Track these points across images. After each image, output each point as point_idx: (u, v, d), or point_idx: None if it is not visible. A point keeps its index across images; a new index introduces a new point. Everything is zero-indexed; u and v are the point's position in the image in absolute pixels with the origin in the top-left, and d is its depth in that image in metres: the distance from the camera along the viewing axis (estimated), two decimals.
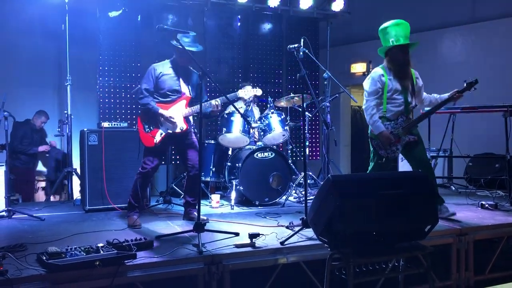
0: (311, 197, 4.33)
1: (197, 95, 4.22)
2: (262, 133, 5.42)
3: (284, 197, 5.29)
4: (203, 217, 4.29)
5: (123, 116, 6.04)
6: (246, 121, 4.99)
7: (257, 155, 5.19)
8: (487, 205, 4.77)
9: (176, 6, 6.40)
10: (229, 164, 5.38)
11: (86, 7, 6.11)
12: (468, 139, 6.55)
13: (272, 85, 7.22)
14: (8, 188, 4.58)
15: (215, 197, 5.15)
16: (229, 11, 6.83)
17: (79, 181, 5.38)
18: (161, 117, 4.08)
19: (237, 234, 3.59)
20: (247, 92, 4.43)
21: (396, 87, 4.20)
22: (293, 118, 6.11)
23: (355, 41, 8.70)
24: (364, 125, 10.33)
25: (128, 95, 6.13)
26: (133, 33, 6.22)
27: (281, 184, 5.23)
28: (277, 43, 7.25)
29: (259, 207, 5.08)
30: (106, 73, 6.08)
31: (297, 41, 4.85)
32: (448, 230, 3.84)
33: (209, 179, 5.63)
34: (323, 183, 2.75)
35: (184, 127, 4.16)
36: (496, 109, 5.51)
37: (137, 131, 4.21)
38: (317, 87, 7.55)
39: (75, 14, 6.04)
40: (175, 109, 4.15)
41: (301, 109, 4.04)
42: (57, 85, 6.90)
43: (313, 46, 7.34)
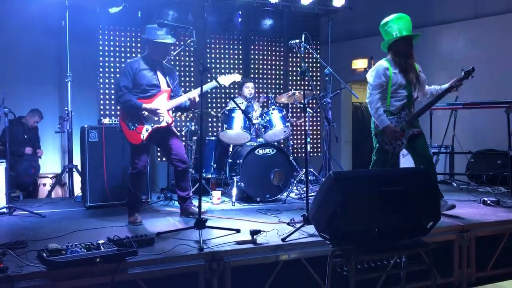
0: (312, 194, 4.32)
1: (175, 89, 4.25)
2: (263, 130, 5.40)
3: (285, 194, 5.28)
4: (203, 210, 4.29)
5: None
6: (247, 117, 4.98)
7: (258, 151, 5.17)
8: (489, 202, 4.75)
9: (176, 1, 6.37)
10: (230, 160, 5.36)
11: (86, 3, 6.09)
12: (470, 135, 6.54)
13: (273, 81, 7.20)
14: (8, 185, 4.57)
15: (216, 194, 5.13)
16: (230, 7, 6.80)
17: (80, 178, 5.37)
18: (145, 111, 4.01)
19: (238, 230, 3.58)
20: (227, 79, 4.30)
21: (400, 80, 4.16)
22: (294, 114, 6.09)
23: (357, 37, 8.67)
24: (365, 121, 10.34)
25: None
26: (133, 29, 6.20)
27: (282, 180, 5.22)
28: (278, 39, 7.23)
29: (260, 204, 5.06)
30: (106, 70, 6.07)
31: (298, 37, 4.84)
32: (450, 226, 3.82)
33: (210, 176, 5.61)
34: (324, 180, 2.73)
35: (169, 120, 4.12)
36: (498, 105, 5.48)
37: (121, 131, 4.11)
38: (319, 83, 7.53)
39: (75, 10, 6.02)
40: (158, 103, 4.09)
41: (302, 106, 4.01)
42: (57, 82, 6.90)
43: (314, 42, 7.36)
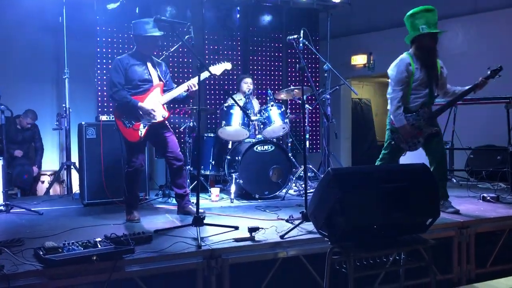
0: (311, 190, 4.30)
1: (166, 82, 4.23)
2: (261, 126, 5.37)
3: (284, 191, 5.26)
4: (200, 210, 4.26)
5: None
6: (245, 114, 4.95)
7: (257, 148, 5.15)
8: (488, 198, 4.73)
9: None
10: (228, 157, 5.34)
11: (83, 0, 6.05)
12: (469, 131, 6.50)
13: (272, 77, 7.17)
14: (5, 182, 4.54)
15: (215, 191, 5.11)
16: (228, 3, 6.76)
17: (78, 175, 5.34)
18: (140, 110, 3.98)
19: (236, 228, 3.56)
20: (218, 68, 4.23)
21: (422, 77, 4.06)
22: (293, 110, 6.07)
23: (356, 32, 8.64)
24: (365, 117, 10.32)
25: None
26: (131, 25, 6.15)
27: (281, 177, 5.20)
28: (277, 35, 7.19)
29: (259, 201, 5.05)
30: (104, 66, 6.02)
31: (297, 32, 4.80)
32: (449, 223, 3.81)
33: (208, 173, 5.59)
34: (323, 176, 2.71)
35: (166, 114, 4.09)
36: (498, 100, 5.45)
37: (117, 129, 4.06)
38: (318, 79, 7.50)
39: (72, 6, 5.99)
40: (152, 99, 4.06)
41: (301, 102, 3.98)
42: (55, 79, 6.86)
43: (313, 37, 7.31)
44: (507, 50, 6.94)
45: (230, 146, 5.60)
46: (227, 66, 4.30)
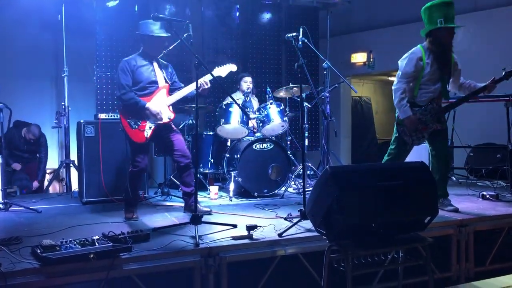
0: (310, 188, 4.29)
1: (174, 83, 4.24)
2: (261, 124, 5.36)
3: (283, 189, 5.25)
4: (206, 208, 4.27)
5: (121, 107, 5.95)
6: (244, 113, 4.95)
7: (255, 146, 5.14)
8: (488, 196, 4.73)
9: None
10: (227, 155, 5.33)
11: None
12: (469, 129, 6.50)
13: (271, 76, 7.15)
14: (4, 180, 4.54)
15: (214, 189, 5.11)
16: (228, 1, 6.75)
17: (77, 173, 5.34)
18: (147, 110, 3.97)
19: (235, 226, 3.55)
20: (223, 69, 4.26)
21: (433, 72, 4.00)
22: (293, 109, 6.05)
23: (356, 30, 8.62)
24: (365, 115, 10.30)
25: None
26: (130, 23, 6.15)
27: (280, 175, 5.19)
28: (276, 33, 7.18)
29: (258, 199, 5.04)
30: (103, 64, 6.02)
31: (297, 31, 4.79)
32: (448, 221, 3.80)
33: (207, 171, 5.59)
34: (321, 174, 2.70)
35: (171, 115, 4.08)
36: (497, 98, 5.44)
37: (123, 130, 4.04)
38: (317, 77, 7.48)
39: (71, 4, 5.98)
40: (158, 100, 4.05)
41: (299, 100, 3.97)
42: (54, 77, 6.85)
43: (313, 35, 7.28)
44: (507, 48, 6.92)
45: (229, 144, 5.59)
46: (232, 67, 4.33)
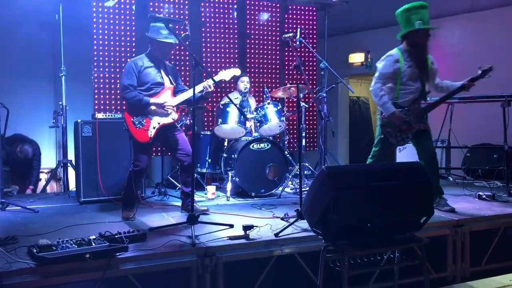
0: (307, 188, 4.29)
1: (177, 85, 4.24)
2: (258, 124, 5.36)
3: (280, 189, 5.26)
4: (203, 208, 4.27)
5: (119, 107, 5.98)
6: (241, 114, 4.95)
7: (253, 146, 5.15)
8: (484, 196, 4.74)
9: None
10: (225, 155, 5.33)
11: None
12: (466, 130, 6.51)
13: (269, 75, 7.16)
14: (1, 180, 4.53)
15: (211, 189, 5.11)
16: (226, 1, 6.75)
17: (74, 173, 5.33)
18: (153, 106, 3.98)
19: (231, 226, 3.56)
20: (226, 73, 4.27)
21: (411, 72, 4.07)
22: (290, 108, 6.06)
23: (353, 30, 8.64)
24: (362, 115, 10.31)
25: None
26: (128, 23, 6.15)
27: (278, 175, 5.20)
28: (274, 33, 7.18)
29: (255, 199, 5.04)
30: (101, 64, 6.00)
31: (295, 31, 4.81)
32: (444, 221, 3.81)
33: (205, 171, 5.59)
34: (317, 174, 2.71)
35: (175, 116, 4.10)
36: (494, 99, 5.45)
37: (127, 129, 4.04)
38: (315, 77, 7.49)
39: (69, 3, 5.97)
40: (163, 99, 4.07)
41: (296, 100, 3.98)
42: (52, 76, 6.82)
43: (311, 35, 7.32)
44: (504, 48, 6.94)
45: (226, 144, 5.60)
46: (236, 72, 4.37)
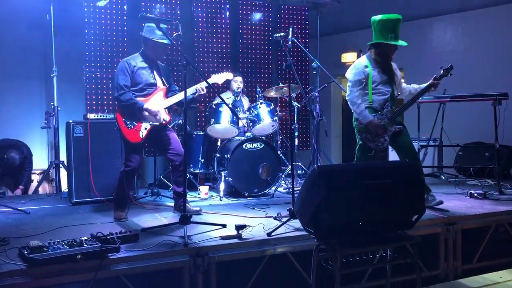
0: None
1: (170, 86, 4.24)
2: (251, 124, 5.36)
3: (273, 188, 5.26)
4: (196, 208, 4.26)
5: (111, 107, 5.95)
6: (234, 114, 4.95)
7: (246, 146, 5.14)
8: (476, 194, 4.78)
9: None
10: (218, 155, 5.33)
11: None
12: (458, 128, 6.55)
13: (261, 75, 7.16)
14: None
15: (204, 189, 5.10)
16: (218, 1, 6.74)
17: (66, 174, 5.30)
18: (145, 111, 3.98)
19: (224, 225, 3.56)
20: (220, 77, 4.31)
21: (380, 77, 4.21)
22: (283, 108, 6.06)
23: (346, 30, 8.65)
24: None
25: None
26: (120, 23, 6.12)
27: (271, 175, 5.20)
28: (266, 33, 7.17)
29: (248, 198, 5.04)
30: (92, 64, 5.97)
31: (287, 30, 4.81)
32: (436, 219, 3.83)
33: (198, 171, 5.57)
34: (309, 174, 2.72)
35: (167, 118, 4.09)
36: (485, 97, 5.48)
37: (119, 129, 4.03)
38: (307, 77, 7.49)
39: (60, 3, 5.93)
40: (155, 101, 4.05)
41: (288, 99, 3.99)
42: (43, 77, 6.79)
43: (303, 35, 7.32)
44: (495, 47, 6.99)
45: (219, 144, 5.59)
46: (229, 76, 4.47)
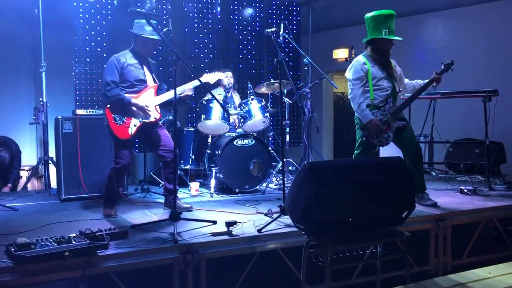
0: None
1: (160, 83, 4.21)
2: (242, 120, 5.34)
3: (264, 184, 5.25)
4: (186, 205, 4.24)
5: (101, 103, 5.89)
6: (224, 110, 4.93)
7: (237, 142, 5.12)
8: (466, 190, 4.80)
9: None
10: (208, 151, 5.30)
11: None
12: (448, 125, 6.57)
13: (252, 71, 7.13)
14: None
15: (194, 185, 5.08)
16: None
17: (55, 170, 5.25)
18: (133, 106, 3.93)
19: (214, 222, 3.54)
20: (211, 76, 4.30)
21: (380, 74, 4.19)
22: (274, 104, 6.04)
23: (337, 26, 8.64)
24: (347, 111, 10.34)
25: None
26: (110, 18, 6.06)
27: (262, 171, 5.18)
28: (258, 28, 7.15)
29: (239, 195, 5.03)
30: (82, 59, 5.91)
31: (278, 26, 4.78)
32: (426, 215, 3.84)
33: (188, 167, 5.54)
34: (299, 170, 2.71)
35: (157, 115, 4.06)
36: (475, 94, 5.50)
37: (108, 125, 3.98)
38: (299, 73, 7.48)
39: None
40: (145, 98, 4.02)
41: (278, 95, 3.97)
42: (32, 72, 6.70)
43: (295, 31, 7.30)
44: (486, 44, 7.01)
45: (210, 140, 5.56)
46: (221, 75, 4.49)
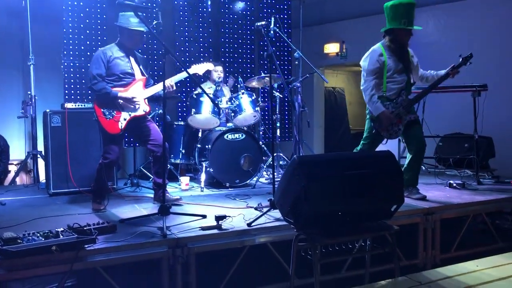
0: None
1: (148, 77, 4.19)
2: (232, 114, 5.32)
3: (255, 179, 5.25)
4: (176, 196, 4.23)
5: (90, 97, 5.84)
6: (214, 105, 4.91)
7: (227, 136, 5.11)
8: (454, 184, 4.84)
9: None
10: (199, 145, 5.28)
11: None
12: (438, 119, 6.59)
13: (243, 65, 7.11)
14: None
15: (185, 180, 5.06)
16: None
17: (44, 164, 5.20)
18: (120, 100, 3.89)
19: (204, 216, 3.53)
20: (200, 67, 4.30)
21: (396, 66, 4.12)
22: (265, 99, 6.03)
23: (329, 21, 8.63)
24: (338, 106, 10.37)
25: None
26: (99, 10, 6.00)
27: (252, 165, 5.18)
28: (248, 22, 7.12)
29: (230, 189, 5.02)
30: (70, 52, 5.86)
31: (269, 20, 4.76)
32: (415, 209, 3.86)
33: (179, 161, 5.52)
34: (289, 164, 2.70)
35: (147, 108, 4.03)
36: (465, 89, 5.53)
37: (97, 120, 3.93)
38: (290, 67, 7.47)
39: None
40: (134, 91, 3.99)
41: (269, 90, 3.96)
42: (21, 65, 6.63)
43: (286, 25, 7.28)
44: (476, 39, 7.04)
45: (200, 134, 5.54)
46: (210, 66, 4.48)
